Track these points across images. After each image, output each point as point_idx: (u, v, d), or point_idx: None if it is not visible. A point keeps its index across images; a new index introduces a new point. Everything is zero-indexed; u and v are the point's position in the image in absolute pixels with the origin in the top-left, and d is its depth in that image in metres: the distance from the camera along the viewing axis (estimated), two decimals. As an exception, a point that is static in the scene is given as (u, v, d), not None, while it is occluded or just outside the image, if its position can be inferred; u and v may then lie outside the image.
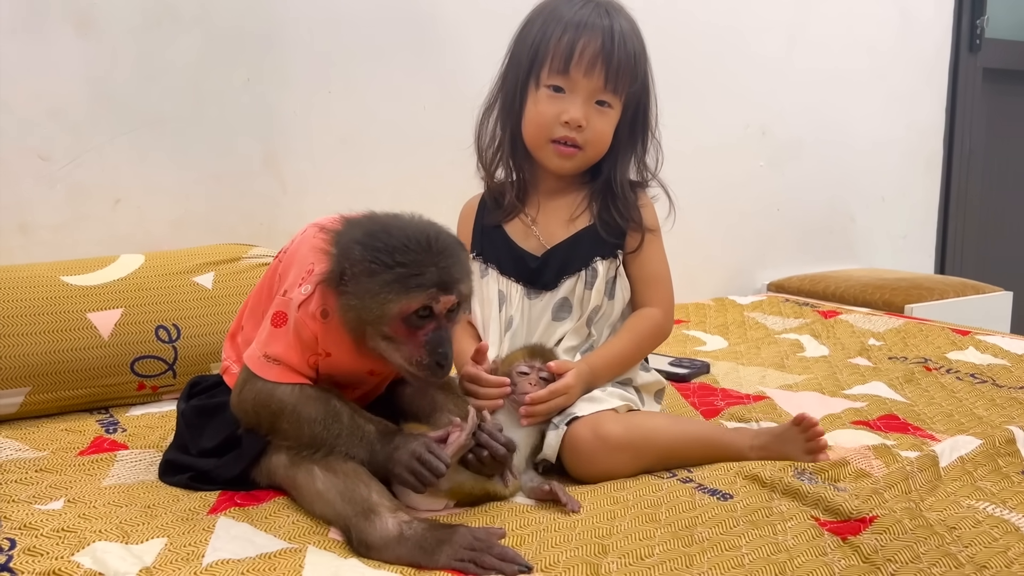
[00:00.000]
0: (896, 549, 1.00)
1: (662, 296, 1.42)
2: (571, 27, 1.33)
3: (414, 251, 1.05)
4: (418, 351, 1.08)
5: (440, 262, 1.06)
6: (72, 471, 1.24)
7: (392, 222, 1.10)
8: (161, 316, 1.55)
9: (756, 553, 1.00)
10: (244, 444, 1.17)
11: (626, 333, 1.38)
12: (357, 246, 1.06)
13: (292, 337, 1.12)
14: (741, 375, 1.83)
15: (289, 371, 1.12)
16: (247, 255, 1.72)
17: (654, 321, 1.39)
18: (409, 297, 1.05)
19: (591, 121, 1.35)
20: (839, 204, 3.06)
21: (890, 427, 1.48)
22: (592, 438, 1.21)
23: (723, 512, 1.11)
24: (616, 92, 1.35)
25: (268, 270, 1.27)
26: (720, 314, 2.43)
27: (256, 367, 1.13)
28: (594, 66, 1.32)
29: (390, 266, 1.04)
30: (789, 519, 1.09)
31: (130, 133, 1.81)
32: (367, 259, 1.04)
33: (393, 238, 1.05)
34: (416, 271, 1.04)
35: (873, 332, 2.18)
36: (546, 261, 1.40)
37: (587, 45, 1.32)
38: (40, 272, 1.52)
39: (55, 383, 1.45)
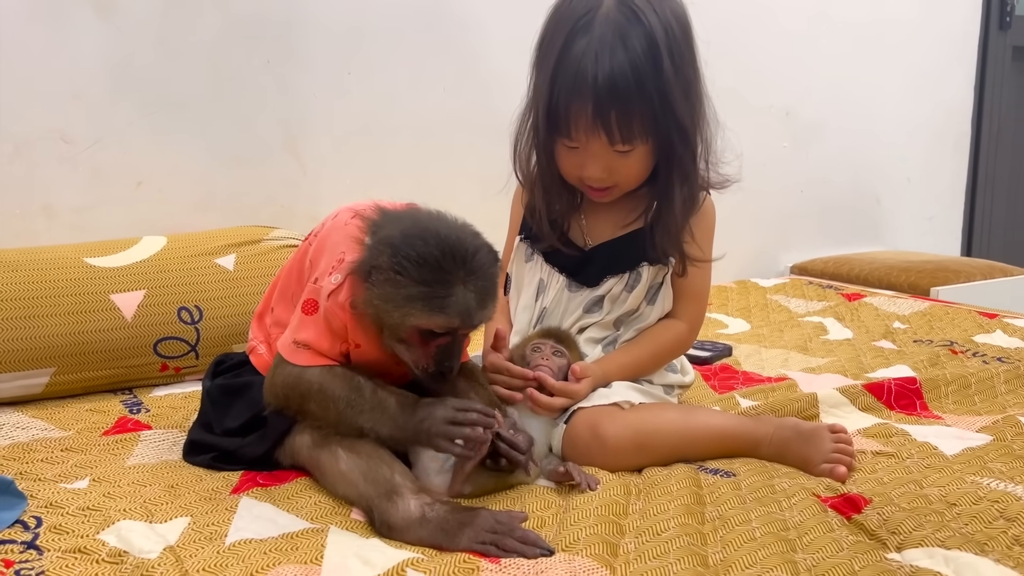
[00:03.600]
0: (899, 521, 1.00)
1: (693, 312, 1.39)
2: (564, 81, 1.21)
3: (446, 269, 1.03)
4: (426, 359, 1.08)
5: (470, 285, 1.04)
6: (96, 451, 1.25)
7: (431, 226, 1.06)
8: (183, 298, 1.55)
9: (766, 528, 1.00)
10: (270, 424, 1.17)
11: (647, 342, 1.35)
12: (388, 249, 1.04)
13: (323, 325, 1.12)
14: (763, 358, 1.82)
15: (317, 355, 1.12)
16: (268, 237, 1.73)
17: (678, 335, 1.37)
18: (430, 319, 1.04)
19: (615, 169, 1.27)
20: (864, 185, 3.02)
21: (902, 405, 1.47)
22: (589, 437, 1.20)
23: (729, 490, 1.12)
24: (630, 140, 1.23)
25: (298, 252, 1.27)
26: (742, 297, 2.41)
27: (287, 353, 1.13)
28: (594, 130, 1.21)
29: (416, 281, 1.02)
30: (792, 496, 1.10)
31: (151, 116, 1.82)
32: (394, 268, 1.03)
33: (428, 248, 1.02)
34: (443, 292, 1.03)
35: (898, 315, 2.15)
36: (591, 257, 1.37)
37: (579, 111, 1.21)
38: (63, 254, 1.53)
39: (79, 364, 1.46)
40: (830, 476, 1.17)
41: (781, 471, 1.20)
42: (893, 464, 1.22)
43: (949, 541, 0.96)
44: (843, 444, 1.21)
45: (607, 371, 1.30)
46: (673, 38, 1.21)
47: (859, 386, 1.48)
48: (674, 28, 1.22)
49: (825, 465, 1.19)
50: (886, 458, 1.24)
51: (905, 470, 1.19)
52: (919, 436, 1.32)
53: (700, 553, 0.95)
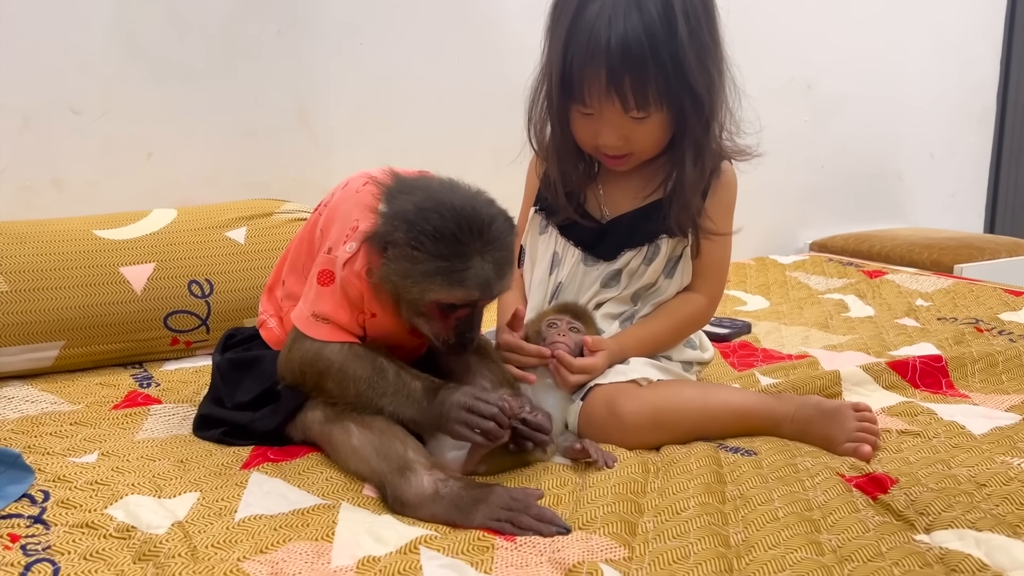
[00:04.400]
0: (927, 501, 0.97)
1: (712, 285, 1.35)
2: (578, 46, 1.17)
3: (463, 242, 1.00)
4: (446, 331, 1.07)
5: (487, 256, 1.02)
6: (106, 425, 1.24)
7: (446, 197, 1.03)
8: (194, 271, 1.53)
9: (789, 508, 0.98)
10: (282, 399, 1.15)
11: (665, 316, 1.32)
12: (404, 224, 1.01)
13: (340, 295, 1.10)
14: (783, 335, 1.78)
15: (337, 330, 1.10)
16: (279, 210, 1.70)
17: (696, 309, 1.34)
18: (450, 293, 1.02)
19: (631, 135, 1.24)
20: (886, 161, 2.96)
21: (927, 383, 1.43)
22: (606, 414, 1.17)
23: (751, 468, 1.09)
24: (645, 107, 1.19)
25: (308, 223, 1.24)
26: (761, 274, 2.37)
27: (304, 326, 1.11)
28: (608, 95, 1.18)
29: (434, 256, 1.00)
30: (816, 475, 1.07)
31: (161, 86, 1.79)
32: (411, 243, 1.00)
33: (444, 221, 1.00)
34: (461, 265, 1.00)
35: (921, 292, 2.10)
36: (609, 230, 1.33)
37: (593, 77, 1.18)
38: (73, 226, 1.51)
39: (89, 337, 1.44)
40: (854, 455, 1.14)
41: (803, 450, 1.17)
42: (919, 444, 1.18)
43: (980, 523, 0.93)
44: (867, 423, 1.18)
45: (624, 345, 1.27)
46: (690, 2, 1.17)
47: (883, 364, 1.44)
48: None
49: (849, 444, 1.16)
50: (912, 437, 1.21)
51: (932, 450, 1.16)
52: (945, 415, 1.28)
53: (721, 533, 0.92)
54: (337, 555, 0.87)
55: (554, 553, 0.87)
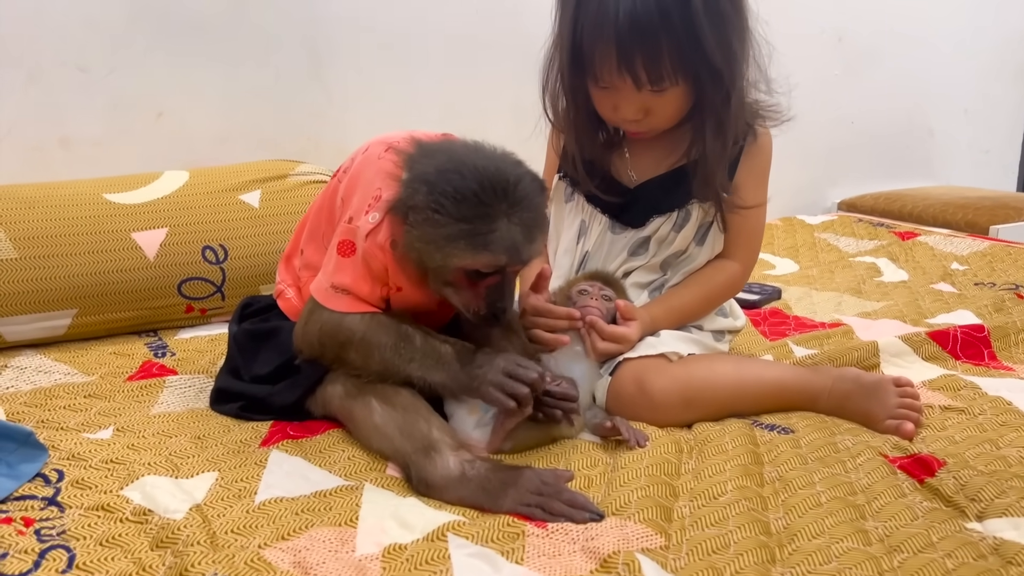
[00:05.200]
0: (978, 487, 0.93)
1: (746, 251, 1.29)
2: (587, 20, 1.10)
3: (485, 203, 0.94)
4: (476, 301, 1.01)
5: (514, 218, 0.96)
6: (121, 397, 1.20)
7: (468, 158, 0.98)
8: (207, 236, 1.48)
9: (832, 492, 0.94)
10: (302, 372, 1.11)
11: (697, 286, 1.26)
12: (424, 187, 0.96)
13: (361, 268, 1.05)
14: (815, 301, 1.72)
15: (358, 301, 1.06)
16: (294, 172, 1.64)
17: (730, 276, 1.28)
18: (475, 258, 0.96)
19: (650, 107, 1.16)
20: (917, 116, 2.86)
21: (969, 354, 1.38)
22: (635, 391, 1.12)
23: (789, 448, 1.05)
24: (659, 83, 1.12)
25: (327, 189, 1.19)
26: (789, 235, 2.30)
27: (323, 298, 1.06)
28: (620, 73, 1.11)
29: (456, 218, 0.94)
30: (857, 455, 1.03)
31: (169, 42, 1.72)
32: (431, 206, 0.95)
33: (465, 181, 0.94)
34: (485, 228, 0.95)
35: (956, 255, 2.03)
36: (637, 196, 1.27)
37: (604, 54, 1.10)
38: (83, 189, 1.46)
39: (102, 305, 1.41)
40: (896, 433, 1.09)
41: (843, 427, 1.12)
42: (964, 421, 1.13)
43: (1036, 510, 0.88)
44: (909, 399, 1.13)
45: (655, 316, 1.22)
46: None
47: (922, 334, 1.38)
48: None
49: (891, 421, 1.11)
50: (956, 413, 1.16)
51: (978, 427, 1.11)
52: (990, 389, 1.23)
53: (761, 520, 0.88)
54: (362, 542, 0.84)
55: (588, 541, 0.83)
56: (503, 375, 0.97)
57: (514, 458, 1.03)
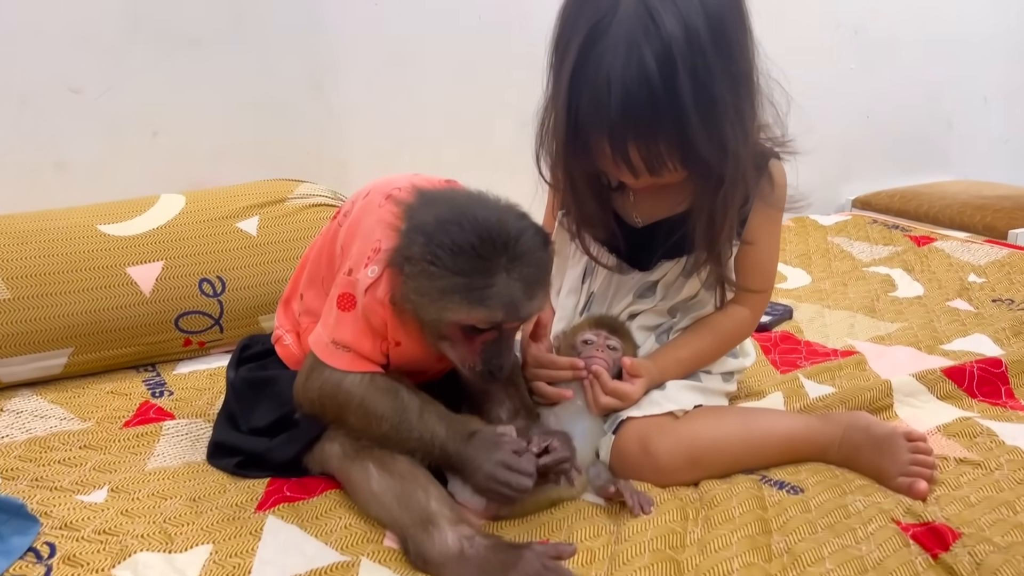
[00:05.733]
0: (996, 565, 0.89)
1: (758, 297, 1.24)
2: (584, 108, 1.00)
3: (484, 256, 0.91)
4: (473, 357, 0.98)
5: (514, 273, 0.92)
6: (116, 448, 1.18)
7: (469, 209, 0.94)
8: (204, 268, 1.45)
9: (843, 571, 0.91)
10: (300, 427, 1.09)
11: (707, 332, 1.22)
12: (421, 237, 0.92)
13: (362, 323, 1.02)
14: (827, 322, 1.68)
15: (359, 359, 1.03)
16: (293, 194, 1.61)
17: (740, 323, 1.24)
18: (470, 313, 0.93)
19: (654, 178, 1.07)
20: (935, 107, 2.78)
21: (986, 392, 1.34)
22: (639, 453, 1.09)
23: (798, 513, 1.02)
24: (657, 173, 1.04)
25: (327, 232, 1.16)
26: (801, 238, 2.25)
27: (323, 354, 1.03)
28: (615, 162, 1.03)
29: (452, 271, 0.91)
30: (868, 521, 1.00)
31: (164, 59, 1.68)
32: (427, 258, 0.91)
33: (464, 233, 0.91)
34: (482, 282, 0.91)
35: (973, 265, 1.98)
36: (648, 237, 1.21)
37: (599, 143, 1.02)
38: (76, 220, 1.43)
39: (98, 343, 1.38)
40: (908, 493, 1.06)
41: (854, 484, 1.09)
42: (980, 476, 1.10)
43: (1056, 597, 0.85)
44: (922, 454, 1.10)
45: (663, 368, 1.18)
46: (696, 43, 0.96)
47: (937, 371, 1.34)
48: (699, 28, 0.96)
49: (903, 479, 1.08)
50: (971, 468, 1.12)
51: (995, 486, 1.07)
52: (1008, 437, 1.19)
53: (769, 604, 0.85)
54: (357, 633, 0.82)
55: (589, 633, 0.81)
56: (494, 480, 0.95)
57: (514, 524, 1.00)
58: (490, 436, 1.00)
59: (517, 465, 0.96)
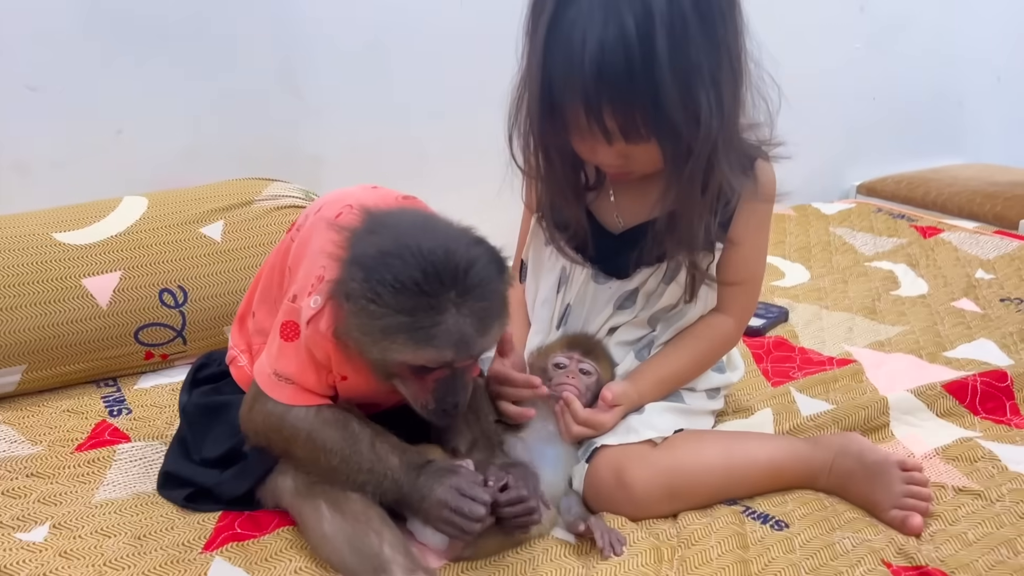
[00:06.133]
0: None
1: (742, 302, 1.17)
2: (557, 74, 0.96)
3: (429, 293, 0.83)
4: (425, 395, 0.91)
5: (464, 308, 0.85)
6: (65, 476, 1.12)
7: (414, 238, 0.85)
8: (165, 277, 1.38)
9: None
10: (250, 461, 1.02)
11: (689, 346, 1.15)
12: (360, 272, 0.84)
13: (304, 355, 0.95)
14: (824, 325, 1.60)
15: (303, 392, 0.96)
16: (261, 196, 1.53)
17: (723, 334, 1.16)
18: (416, 353, 0.86)
19: (630, 155, 1.02)
20: (945, 87, 2.67)
21: (989, 408, 1.26)
22: (614, 484, 1.02)
23: (782, 553, 0.95)
24: (633, 139, 0.98)
25: (281, 246, 1.09)
26: (802, 229, 2.15)
27: (266, 386, 0.97)
28: (590, 127, 0.98)
29: (395, 310, 0.83)
30: (856, 563, 0.93)
31: (126, 52, 1.59)
32: (367, 296, 0.84)
33: (407, 268, 0.83)
34: (428, 321, 0.84)
35: (981, 260, 1.89)
36: (624, 243, 1.14)
37: (573, 108, 0.97)
38: (30, 228, 1.36)
39: (53, 359, 1.32)
40: (902, 529, 0.99)
41: (843, 517, 1.02)
42: (979, 509, 1.02)
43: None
44: (916, 485, 1.02)
45: (643, 391, 1.11)
46: (677, 4, 0.91)
47: (938, 387, 1.26)
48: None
49: (896, 512, 1.01)
50: (971, 498, 1.05)
51: (995, 521, 1.00)
52: (1011, 462, 1.11)
53: (743, 667, 0.79)
54: None
55: None
56: (448, 511, 0.89)
57: (476, 567, 0.94)
58: (443, 466, 0.94)
59: (470, 492, 0.89)
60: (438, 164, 1.95)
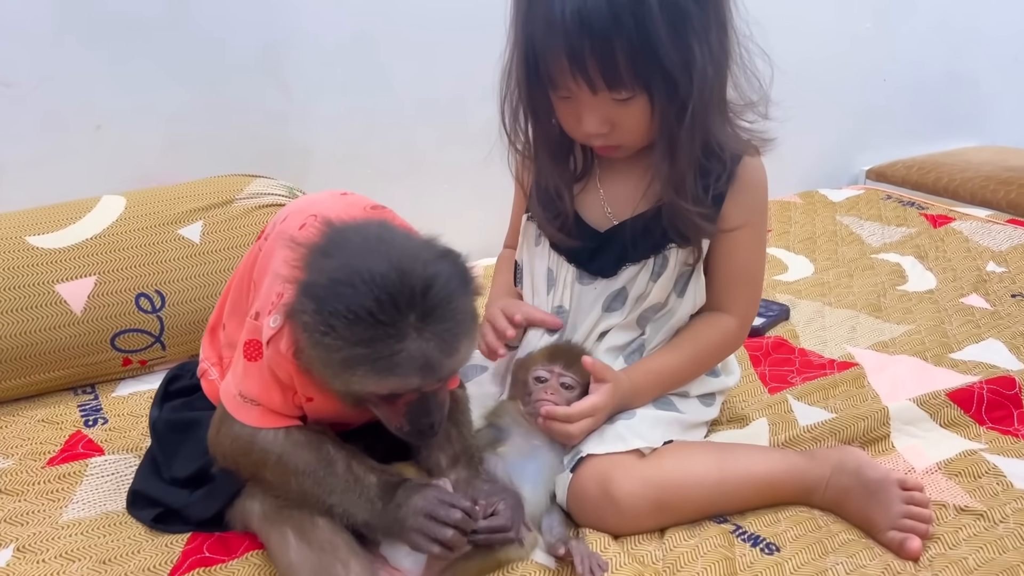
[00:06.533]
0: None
1: (744, 300, 1.12)
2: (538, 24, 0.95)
3: (386, 322, 0.78)
4: (397, 419, 0.87)
5: (426, 332, 0.80)
6: (34, 493, 1.09)
7: (366, 262, 0.80)
8: (141, 282, 1.34)
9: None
10: (217, 483, 0.99)
11: (687, 345, 1.10)
12: (311, 304, 0.79)
13: (268, 375, 0.91)
14: (827, 323, 1.54)
15: (269, 413, 0.92)
16: (242, 194, 1.48)
17: (724, 332, 1.11)
18: (379, 383, 0.81)
19: (615, 120, 1.00)
20: (960, 67, 2.57)
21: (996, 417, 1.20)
22: (599, 495, 0.98)
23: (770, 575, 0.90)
24: (617, 88, 0.96)
25: (248, 257, 1.05)
26: (808, 218, 2.09)
27: (232, 408, 0.93)
28: (574, 77, 0.95)
29: (352, 343, 0.78)
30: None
31: (103, 44, 1.54)
32: (320, 329, 0.79)
33: (358, 297, 0.77)
34: (387, 350, 0.79)
35: (993, 252, 1.82)
36: (608, 240, 1.10)
37: (556, 58, 0.95)
38: (3, 232, 1.32)
39: (27, 367, 1.28)
40: (900, 552, 0.95)
41: (837, 540, 0.97)
42: (982, 531, 0.97)
43: None
44: (916, 506, 0.97)
45: (636, 381, 1.07)
46: None
47: (942, 395, 1.21)
48: None
49: (894, 534, 0.96)
50: (973, 519, 1.00)
51: (997, 545, 0.95)
52: (1017, 478, 1.06)
53: None
54: None
55: None
56: (424, 518, 0.85)
57: (450, 596, 0.90)
58: (420, 482, 0.90)
59: (448, 499, 0.86)
60: (429, 155, 1.89)
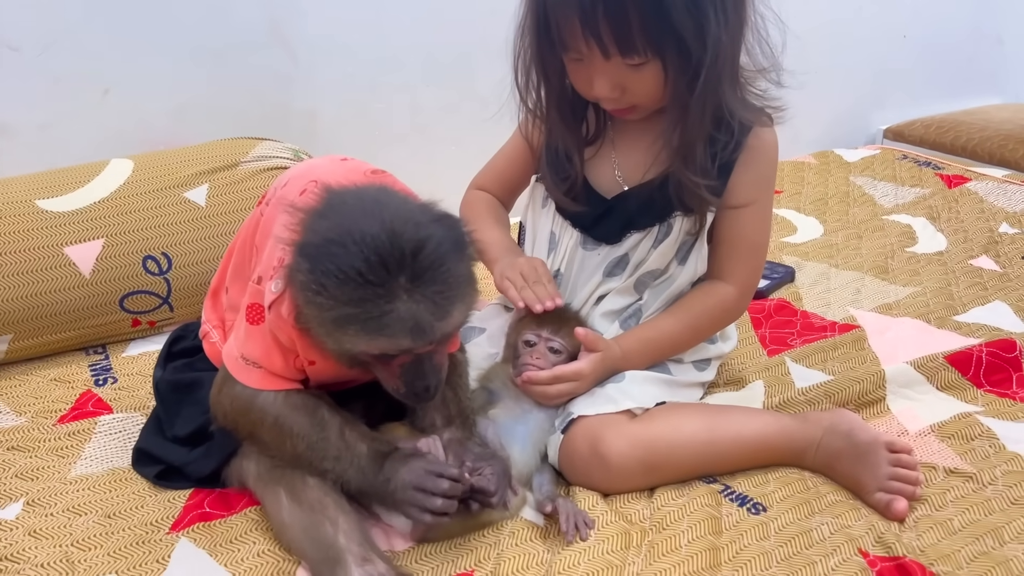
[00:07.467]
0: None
1: (744, 270, 1.11)
2: None
3: (375, 282, 0.79)
4: (394, 380, 0.88)
5: (416, 293, 0.80)
6: (44, 450, 1.13)
7: (358, 224, 0.81)
8: (148, 244, 1.36)
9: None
10: (215, 442, 1.02)
11: (683, 313, 1.10)
12: (305, 263, 0.81)
13: (270, 339, 0.93)
14: (831, 286, 1.53)
15: (270, 376, 0.94)
16: (248, 157, 1.49)
17: (722, 301, 1.11)
18: (370, 343, 0.83)
19: (627, 84, 1.00)
20: (983, 23, 2.51)
21: (994, 381, 1.20)
22: (589, 454, 0.99)
23: (754, 538, 0.93)
24: (628, 53, 0.96)
25: (250, 221, 1.07)
26: (821, 178, 2.06)
27: (234, 369, 0.95)
28: (586, 39, 0.96)
29: (343, 302, 0.80)
30: (831, 552, 0.90)
31: (109, 7, 1.55)
32: (312, 288, 0.80)
33: (349, 257, 0.79)
34: (377, 310, 0.80)
35: (1007, 212, 1.80)
36: (613, 208, 1.10)
37: (568, 20, 0.96)
38: (14, 196, 1.35)
39: (39, 328, 1.31)
40: (886, 512, 0.96)
41: (824, 501, 0.98)
42: (970, 493, 0.98)
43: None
44: (904, 468, 0.98)
45: (626, 348, 1.08)
46: None
47: (940, 358, 1.20)
48: None
49: (881, 495, 0.97)
50: (962, 481, 1.00)
51: (985, 506, 0.95)
52: (1010, 441, 1.06)
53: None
54: None
55: None
56: (413, 490, 0.87)
57: (439, 550, 0.93)
58: (408, 451, 0.92)
59: (435, 470, 0.88)
60: (436, 116, 1.89)
